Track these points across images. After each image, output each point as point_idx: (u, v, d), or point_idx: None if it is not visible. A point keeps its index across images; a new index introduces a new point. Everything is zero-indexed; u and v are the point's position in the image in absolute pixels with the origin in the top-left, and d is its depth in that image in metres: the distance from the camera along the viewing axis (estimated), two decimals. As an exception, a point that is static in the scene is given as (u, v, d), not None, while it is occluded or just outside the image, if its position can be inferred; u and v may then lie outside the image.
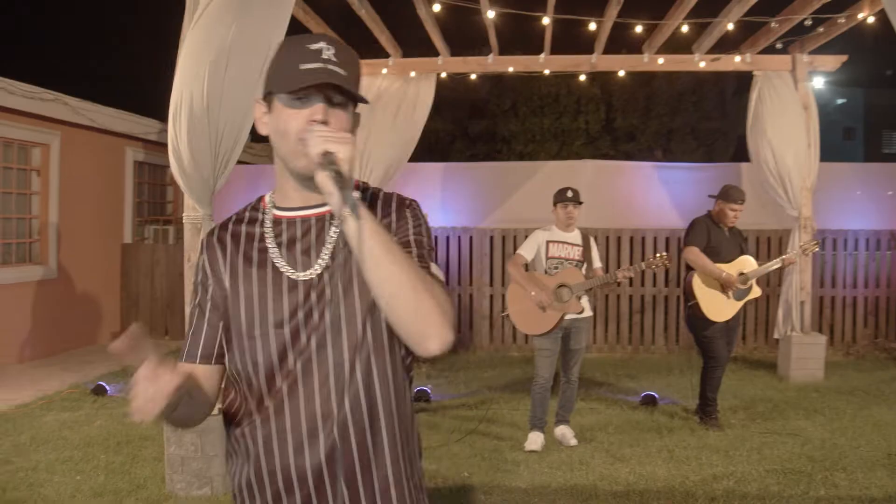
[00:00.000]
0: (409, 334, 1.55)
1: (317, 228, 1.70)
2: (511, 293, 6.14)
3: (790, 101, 8.11)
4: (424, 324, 1.52)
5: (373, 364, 1.66)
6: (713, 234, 6.31)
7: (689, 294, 6.33)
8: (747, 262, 6.40)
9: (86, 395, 7.45)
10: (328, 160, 1.49)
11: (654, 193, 10.20)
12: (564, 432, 6.09)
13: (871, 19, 6.51)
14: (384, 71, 8.13)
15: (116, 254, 10.93)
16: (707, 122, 17.74)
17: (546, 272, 5.94)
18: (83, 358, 9.38)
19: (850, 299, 9.92)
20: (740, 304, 6.34)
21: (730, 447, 5.89)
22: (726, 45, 7.91)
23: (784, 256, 6.75)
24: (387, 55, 8.13)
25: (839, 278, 9.91)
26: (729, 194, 6.25)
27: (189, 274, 4.94)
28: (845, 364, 9.04)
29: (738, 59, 8.09)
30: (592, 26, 7.19)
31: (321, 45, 1.60)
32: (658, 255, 6.06)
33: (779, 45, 7.91)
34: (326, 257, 1.67)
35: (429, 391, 7.42)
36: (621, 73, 9.27)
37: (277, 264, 1.68)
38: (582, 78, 9.46)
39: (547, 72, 8.65)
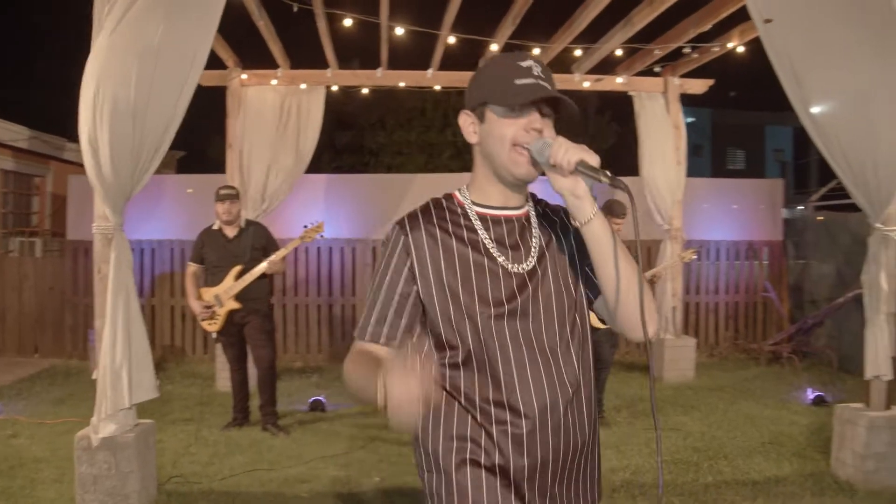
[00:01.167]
0: (631, 320, 1.78)
1: (519, 227, 1.88)
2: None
3: (662, 120, 8.71)
4: (645, 312, 1.73)
5: (580, 352, 1.85)
6: None
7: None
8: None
9: (-43, 417, 7.03)
10: (582, 167, 1.66)
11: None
12: (464, 435, 6.28)
13: (740, 48, 7.13)
14: (274, 82, 8.11)
15: (-20, 267, 10.29)
16: (572, 138, 18.45)
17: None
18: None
19: (713, 305, 10.71)
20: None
21: (620, 443, 6.27)
22: (604, 66, 8.39)
23: (653, 270, 7.25)
24: (276, 66, 8.12)
25: (703, 285, 10.66)
26: (612, 209, 6.64)
27: (101, 288, 4.77)
28: (711, 364, 9.78)
29: (619, 80, 8.62)
30: (495, 47, 7.47)
31: (530, 62, 1.78)
32: None
33: (657, 69, 8.48)
34: (535, 254, 1.86)
35: (323, 400, 7.46)
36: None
37: (496, 256, 1.83)
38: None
39: (437, 87, 8.89)
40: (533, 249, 1.86)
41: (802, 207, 12.30)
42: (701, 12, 6.60)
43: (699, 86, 8.95)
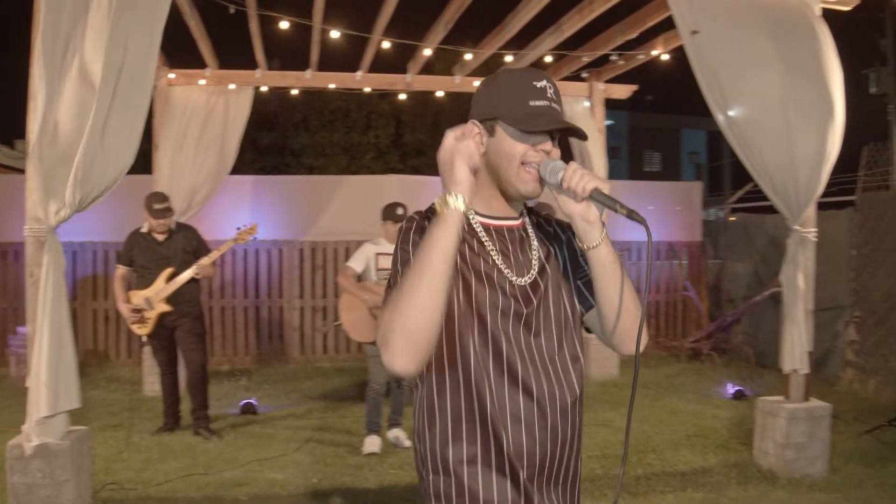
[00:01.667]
0: (626, 336, 1.86)
1: (518, 238, 1.92)
2: (343, 303, 6.32)
3: (586, 125, 8.92)
4: (635, 329, 1.81)
5: (577, 363, 1.90)
6: None
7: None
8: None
9: None
10: (597, 196, 1.70)
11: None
12: (398, 434, 6.35)
13: (665, 56, 7.37)
14: (202, 82, 8.01)
15: None
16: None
17: (376, 283, 6.19)
18: None
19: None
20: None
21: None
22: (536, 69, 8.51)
23: None
24: (204, 65, 8.02)
25: (624, 285, 10.90)
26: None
27: (33, 292, 4.66)
28: (632, 362, 9.93)
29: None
30: (428, 51, 7.54)
31: (545, 83, 1.81)
32: None
33: (584, 75, 8.69)
34: (536, 266, 1.89)
35: (254, 403, 7.41)
36: (440, 94, 9.76)
37: (502, 268, 1.85)
38: (402, 97, 9.85)
39: (367, 89, 8.93)
40: (533, 262, 1.89)
41: (721, 208, 12.74)
42: (628, 21, 6.80)
43: (623, 91, 9.21)
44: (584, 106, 8.99)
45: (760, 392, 7.61)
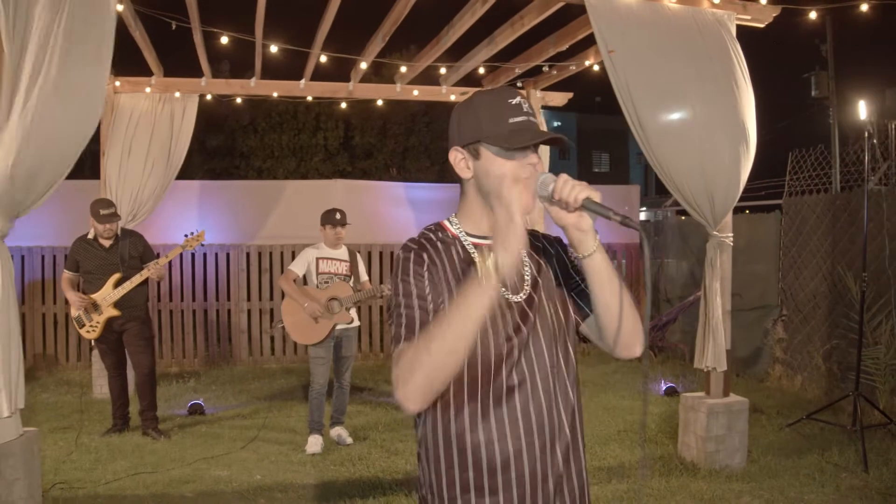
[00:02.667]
0: (623, 342, 1.87)
1: None
2: (285, 306, 6.54)
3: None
4: (637, 334, 1.87)
5: (573, 374, 1.96)
6: None
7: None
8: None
9: None
10: (590, 205, 1.71)
11: (400, 210, 10.94)
12: (340, 433, 6.59)
13: (595, 67, 7.68)
14: (147, 90, 8.14)
15: None
16: (440, 142, 18.71)
17: (318, 286, 6.42)
18: None
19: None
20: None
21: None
22: (472, 79, 8.79)
23: None
24: (150, 73, 8.15)
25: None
26: None
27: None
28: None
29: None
30: (364, 65, 7.76)
31: (518, 99, 1.85)
32: None
33: (519, 84, 8.96)
34: (529, 282, 1.94)
35: (202, 404, 7.59)
36: (380, 103, 10.00)
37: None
38: (343, 106, 10.06)
39: (310, 98, 9.12)
40: (526, 278, 1.92)
41: (661, 210, 13.12)
42: (559, 34, 7.07)
43: (559, 98, 9.52)
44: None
45: (692, 388, 7.99)
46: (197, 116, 8.43)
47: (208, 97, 8.72)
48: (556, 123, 37.41)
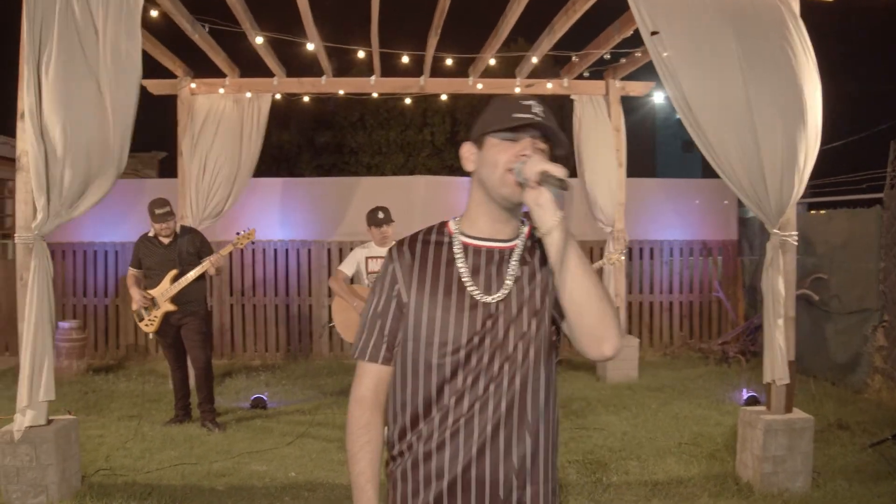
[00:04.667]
0: (590, 338, 1.80)
1: (498, 260, 1.95)
2: (335, 306, 6.54)
3: (603, 123, 8.89)
4: (606, 329, 1.79)
5: (545, 378, 1.95)
6: None
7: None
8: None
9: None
10: (545, 177, 1.76)
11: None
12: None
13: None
14: (221, 91, 8.33)
15: (-47, 267, 10.56)
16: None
17: (368, 286, 6.38)
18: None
19: (667, 304, 10.89)
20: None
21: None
22: (546, 72, 8.58)
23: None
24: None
25: (657, 284, 10.86)
26: None
27: (22, 293, 5.03)
28: (661, 363, 9.93)
29: (549, 85, 8.82)
30: (405, 58, 7.71)
31: (532, 102, 1.90)
32: None
33: (586, 74, 8.67)
34: (510, 285, 1.91)
35: (265, 398, 7.70)
36: (444, 98, 9.91)
37: (466, 284, 1.91)
38: (407, 101, 10.04)
39: (375, 95, 9.13)
40: (507, 281, 1.91)
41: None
42: (622, 19, 6.77)
43: (640, 88, 9.12)
44: (600, 105, 8.99)
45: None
46: (305, 114, 8.69)
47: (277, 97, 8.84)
48: (678, 116, 35.78)
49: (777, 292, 5.44)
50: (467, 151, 2.00)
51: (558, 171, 1.75)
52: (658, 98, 22.49)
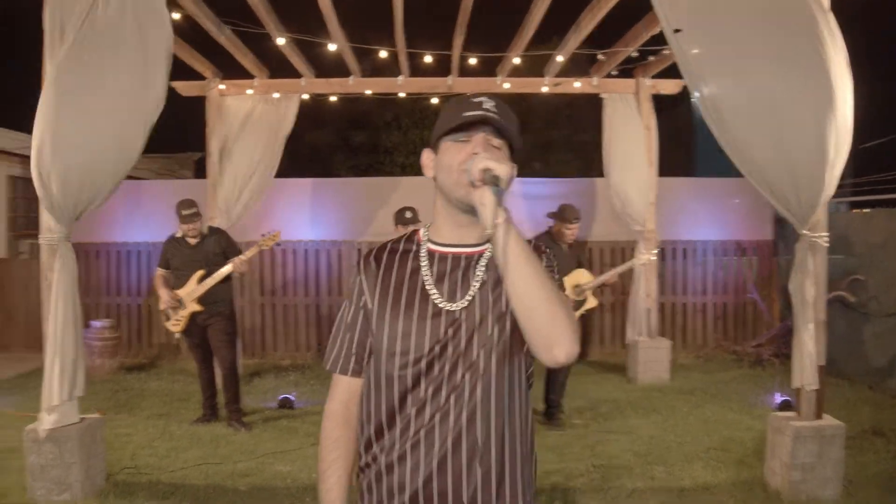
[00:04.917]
0: (539, 342, 1.69)
1: (464, 266, 1.90)
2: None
3: (633, 121, 8.78)
4: (556, 333, 1.67)
5: (514, 387, 1.89)
6: (554, 252, 6.84)
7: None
8: (582, 276, 6.97)
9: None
10: (488, 175, 1.70)
11: (512, 206, 10.69)
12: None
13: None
14: (249, 91, 8.38)
15: (-8, 269, 10.82)
16: (582, 135, 18.29)
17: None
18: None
19: (700, 305, 10.72)
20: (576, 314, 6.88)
21: (565, 446, 6.36)
22: (578, 68, 8.48)
23: (602, 277, 7.29)
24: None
25: (689, 285, 10.70)
26: (564, 215, 6.79)
27: (47, 294, 5.09)
28: (693, 366, 9.74)
29: (577, 83, 8.72)
30: (428, 56, 7.68)
31: (482, 98, 1.85)
32: None
33: (614, 72, 8.56)
34: (475, 292, 1.86)
35: (292, 398, 7.72)
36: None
37: (429, 291, 1.88)
38: (434, 101, 10.02)
39: (402, 94, 9.11)
40: (472, 287, 1.86)
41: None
42: (649, 16, 6.66)
43: (671, 86, 8.96)
44: (630, 103, 8.88)
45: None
46: (340, 114, 8.68)
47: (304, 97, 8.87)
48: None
49: (807, 296, 5.26)
50: (426, 158, 1.97)
51: (501, 168, 1.70)
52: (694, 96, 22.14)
